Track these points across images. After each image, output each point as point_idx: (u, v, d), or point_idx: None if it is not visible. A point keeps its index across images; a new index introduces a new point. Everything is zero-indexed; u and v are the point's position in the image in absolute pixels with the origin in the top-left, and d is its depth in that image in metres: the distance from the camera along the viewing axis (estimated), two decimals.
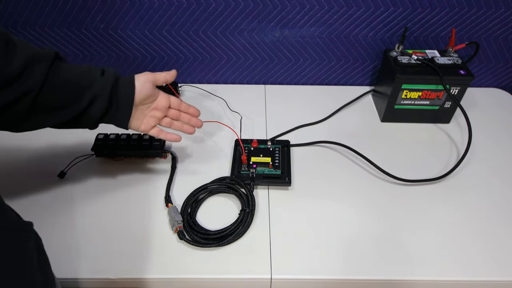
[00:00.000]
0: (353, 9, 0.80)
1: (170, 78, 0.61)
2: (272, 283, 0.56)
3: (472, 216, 0.64)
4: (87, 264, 0.56)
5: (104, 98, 0.52)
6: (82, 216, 0.63)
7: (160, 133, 0.62)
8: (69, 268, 0.56)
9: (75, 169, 0.71)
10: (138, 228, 0.61)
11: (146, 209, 0.64)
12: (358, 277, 0.56)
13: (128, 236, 0.60)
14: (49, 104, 0.49)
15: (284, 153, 0.73)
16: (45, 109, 0.49)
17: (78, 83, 0.50)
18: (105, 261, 0.57)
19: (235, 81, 0.96)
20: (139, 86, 0.56)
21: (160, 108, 0.60)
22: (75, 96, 0.50)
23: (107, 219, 0.63)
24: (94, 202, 0.65)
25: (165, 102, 0.61)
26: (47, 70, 0.47)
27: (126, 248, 0.58)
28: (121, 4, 0.80)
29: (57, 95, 0.49)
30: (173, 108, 0.62)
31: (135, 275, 0.55)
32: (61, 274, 0.55)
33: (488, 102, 0.89)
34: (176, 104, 0.63)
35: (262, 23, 0.83)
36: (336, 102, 0.88)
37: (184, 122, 0.64)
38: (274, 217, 0.63)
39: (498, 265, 0.57)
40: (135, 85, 0.55)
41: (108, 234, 0.60)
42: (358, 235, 0.61)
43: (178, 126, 0.64)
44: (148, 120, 0.60)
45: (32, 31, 0.85)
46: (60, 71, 0.49)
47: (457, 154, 0.75)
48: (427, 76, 0.75)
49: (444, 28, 0.83)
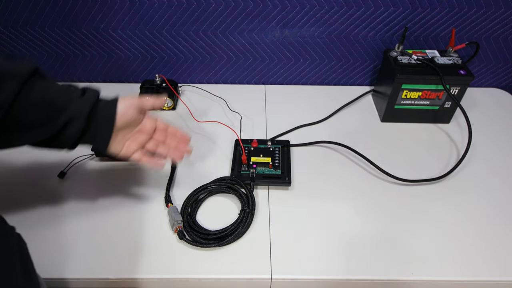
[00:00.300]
0: (353, 9, 0.80)
1: (159, 104, 0.57)
2: (272, 283, 0.56)
3: (472, 216, 0.64)
4: (87, 264, 0.56)
5: (80, 120, 0.49)
6: (82, 216, 0.63)
7: (142, 158, 0.56)
8: (69, 268, 0.56)
9: (75, 169, 0.71)
10: (138, 228, 0.61)
11: (146, 209, 0.64)
12: (358, 277, 0.56)
13: (128, 236, 0.60)
14: (21, 122, 0.47)
15: (284, 153, 0.73)
16: (17, 127, 0.47)
17: (53, 103, 0.48)
18: (105, 261, 0.57)
19: (235, 81, 0.96)
20: (122, 110, 0.52)
21: (145, 131, 0.56)
22: (51, 116, 0.48)
23: (107, 219, 0.63)
24: (94, 202, 0.65)
25: (150, 125, 0.57)
26: (19, 88, 0.45)
27: (126, 248, 0.58)
28: (121, 4, 0.80)
29: (29, 113, 0.46)
30: (159, 131, 0.58)
31: (135, 275, 0.55)
32: (61, 274, 0.55)
33: (488, 102, 0.89)
34: (163, 127, 0.58)
35: (262, 23, 0.83)
36: (336, 102, 0.88)
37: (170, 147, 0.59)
38: (274, 217, 0.63)
39: (498, 265, 0.57)
40: (116, 109, 0.52)
41: (108, 234, 0.60)
42: (358, 235, 0.61)
43: (163, 151, 0.58)
44: (130, 144, 0.55)
45: (32, 31, 0.85)
46: (34, 89, 0.46)
47: (457, 154, 0.75)
48: (427, 76, 0.75)
49: (444, 28, 0.83)
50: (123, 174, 0.70)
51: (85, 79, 0.94)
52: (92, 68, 0.92)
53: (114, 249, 0.58)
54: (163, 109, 0.86)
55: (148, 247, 0.59)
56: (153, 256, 0.57)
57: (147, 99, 0.56)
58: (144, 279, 0.55)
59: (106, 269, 0.56)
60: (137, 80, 0.95)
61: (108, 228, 0.61)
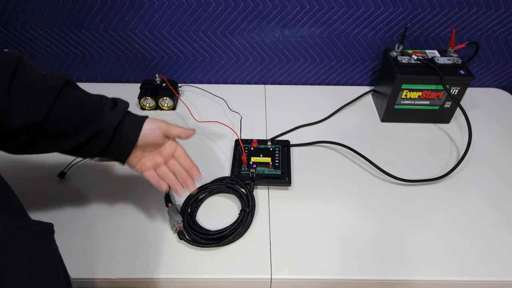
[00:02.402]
0: (353, 9, 0.80)
1: (185, 136, 0.58)
2: (272, 283, 0.56)
3: (472, 216, 0.64)
4: (87, 264, 0.56)
5: (107, 134, 0.50)
6: (82, 216, 0.63)
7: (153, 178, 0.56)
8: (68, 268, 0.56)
9: (75, 169, 0.70)
10: (138, 228, 0.61)
11: (146, 209, 0.64)
12: (358, 277, 0.56)
13: (128, 236, 0.60)
14: (54, 132, 0.48)
15: (284, 153, 0.73)
16: (50, 136, 0.48)
17: (84, 115, 0.49)
18: (105, 261, 0.57)
19: (235, 81, 0.96)
20: (148, 130, 0.53)
21: (163, 154, 0.57)
22: (81, 127, 0.49)
23: (107, 219, 0.63)
24: (94, 202, 0.65)
25: (170, 150, 0.57)
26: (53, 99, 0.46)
27: (126, 248, 0.58)
28: (121, 4, 0.80)
29: (62, 124, 0.48)
30: (176, 159, 0.58)
31: (135, 275, 0.55)
32: None
33: (488, 102, 0.89)
34: (180, 155, 0.58)
35: (262, 23, 0.83)
36: (336, 102, 0.88)
37: (180, 178, 0.58)
38: (274, 217, 0.63)
39: (498, 265, 0.57)
40: (142, 127, 0.53)
41: (108, 234, 0.60)
42: (358, 235, 0.61)
43: (171, 180, 0.57)
44: (145, 161, 0.56)
45: (32, 31, 0.85)
46: (67, 100, 0.48)
47: (457, 154, 0.75)
48: (427, 76, 0.75)
49: (444, 28, 0.83)
50: (123, 174, 0.70)
51: (85, 79, 0.94)
52: (92, 68, 0.92)
53: (114, 249, 0.58)
54: (163, 109, 0.86)
55: (148, 247, 0.59)
56: (153, 256, 0.57)
57: (176, 127, 0.57)
58: (144, 279, 0.55)
59: (106, 269, 0.56)
60: (137, 80, 0.95)
61: (108, 228, 0.61)
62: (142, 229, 0.61)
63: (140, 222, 0.62)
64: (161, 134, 0.55)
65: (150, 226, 0.62)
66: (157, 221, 0.62)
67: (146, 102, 0.85)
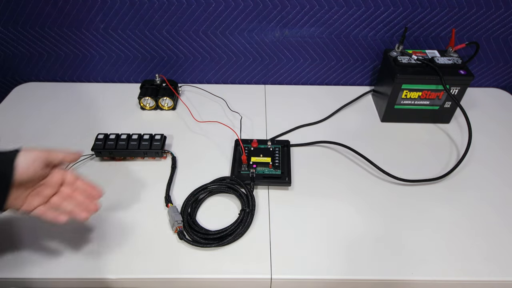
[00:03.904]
0: (353, 9, 0.80)
1: (70, 159, 0.52)
2: (272, 283, 0.56)
3: (472, 216, 0.64)
4: (87, 264, 0.56)
5: None
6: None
7: (45, 213, 0.50)
8: (69, 268, 0.56)
9: (75, 169, 0.70)
10: (138, 228, 0.61)
11: (146, 209, 0.64)
12: (358, 277, 0.56)
13: (128, 236, 0.60)
14: None
15: (284, 153, 0.73)
16: None
17: None
18: (105, 261, 0.57)
19: (235, 81, 0.96)
20: (24, 165, 0.46)
21: (51, 185, 0.50)
22: None
23: (107, 219, 0.63)
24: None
25: (57, 179, 0.51)
26: None
27: (126, 248, 0.58)
28: (121, 4, 0.80)
29: None
30: (68, 186, 0.52)
31: (135, 275, 0.55)
32: (61, 274, 0.55)
33: (488, 102, 0.89)
34: (71, 180, 0.52)
35: (262, 23, 0.83)
36: (336, 102, 0.88)
37: (77, 202, 0.52)
38: (274, 217, 0.63)
39: (498, 265, 0.57)
40: (14, 164, 0.45)
41: (107, 234, 0.60)
42: (358, 235, 0.61)
43: (67, 208, 0.51)
44: (32, 199, 0.49)
45: (32, 31, 0.85)
46: None
47: (457, 154, 0.75)
48: (427, 76, 0.75)
49: (444, 28, 0.83)
50: (123, 174, 0.70)
51: (85, 79, 0.94)
52: (92, 68, 0.92)
53: (114, 249, 0.58)
54: (163, 109, 0.86)
55: (148, 247, 0.59)
56: (153, 256, 0.57)
57: (56, 152, 0.50)
58: (144, 279, 0.55)
59: (106, 269, 0.56)
60: (137, 80, 0.95)
61: (108, 228, 0.61)
62: (142, 229, 0.61)
63: (140, 222, 0.62)
64: (41, 165, 0.48)
65: (150, 226, 0.61)
66: (157, 221, 0.62)
67: (146, 102, 0.85)
